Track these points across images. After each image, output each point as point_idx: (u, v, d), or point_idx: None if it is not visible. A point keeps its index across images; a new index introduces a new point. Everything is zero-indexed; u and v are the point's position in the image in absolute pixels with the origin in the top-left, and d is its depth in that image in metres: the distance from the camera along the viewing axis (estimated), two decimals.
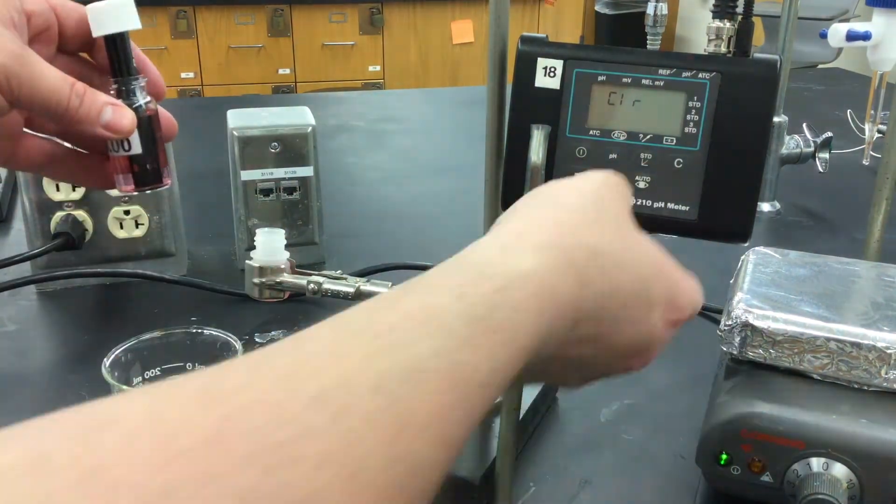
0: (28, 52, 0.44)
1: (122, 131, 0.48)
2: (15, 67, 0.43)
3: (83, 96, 0.46)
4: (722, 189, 0.47)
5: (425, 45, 3.44)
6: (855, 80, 1.84)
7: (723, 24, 0.49)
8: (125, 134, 0.48)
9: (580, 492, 0.56)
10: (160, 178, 0.51)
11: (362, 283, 0.57)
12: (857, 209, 1.06)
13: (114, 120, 0.47)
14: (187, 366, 0.55)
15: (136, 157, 0.50)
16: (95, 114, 0.47)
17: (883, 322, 0.50)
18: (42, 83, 0.44)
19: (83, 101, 0.46)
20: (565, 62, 0.48)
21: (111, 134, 0.48)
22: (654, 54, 0.47)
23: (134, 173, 0.50)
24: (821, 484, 0.47)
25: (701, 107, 0.46)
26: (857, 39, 0.82)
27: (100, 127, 0.47)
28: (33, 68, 0.44)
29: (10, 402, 0.66)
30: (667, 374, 0.70)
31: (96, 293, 0.83)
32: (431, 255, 0.91)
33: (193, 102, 1.93)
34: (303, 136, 0.83)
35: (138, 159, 0.50)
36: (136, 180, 0.50)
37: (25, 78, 0.44)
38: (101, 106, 0.47)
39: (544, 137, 0.47)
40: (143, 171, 0.50)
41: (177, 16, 3.12)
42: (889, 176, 0.70)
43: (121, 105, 0.48)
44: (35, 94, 0.44)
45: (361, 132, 1.43)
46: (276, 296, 0.59)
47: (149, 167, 0.50)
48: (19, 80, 0.43)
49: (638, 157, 0.48)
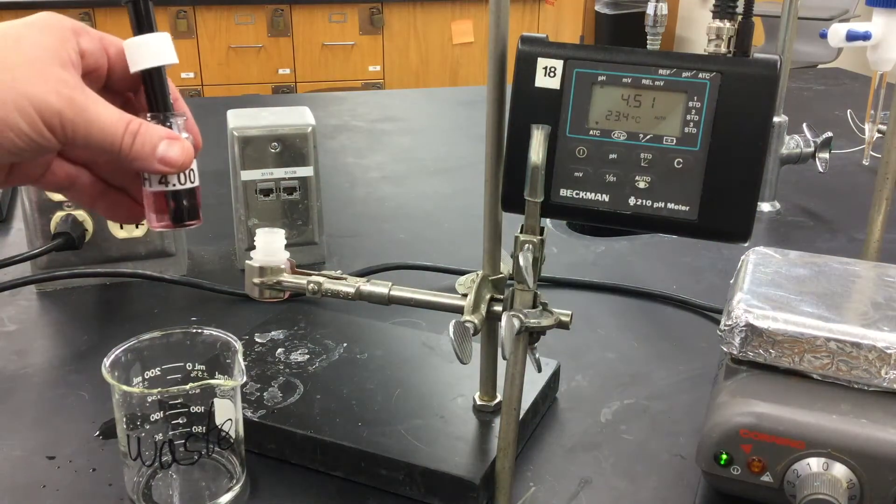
0: (83, 94, 0.44)
1: (177, 165, 0.48)
2: (70, 113, 0.43)
3: (137, 134, 0.46)
4: (722, 189, 0.47)
5: (425, 45, 3.44)
6: (855, 80, 1.84)
7: (723, 24, 0.49)
8: (183, 167, 0.48)
9: (580, 492, 0.56)
10: (197, 213, 0.50)
11: (362, 283, 0.57)
12: (857, 209, 1.06)
13: (170, 154, 0.47)
14: (187, 366, 0.55)
15: (176, 192, 0.49)
16: (150, 150, 0.46)
17: (883, 322, 0.50)
18: (95, 126, 0.45)
19: (136, 140, 0.46)
20: (565, 62, 0.48)
21: (167, 169, 0.47)
22: (654, 54, 0.47)
23: (171, 209, 0.49)
24: (821, 484, 0.47)
25: (701, 107, 0.46)
26: (857, 39, 0.82)
27: (156, 162, 0.47)
28: (88, 113, 0.44)
29: (10, 402, 0.66)
30: (667, 374, 0.70)
31: (96, 293, 0.83)
32: (431, 255, 0.91)
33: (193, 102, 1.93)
34: (303, 136, 0.83)
35: (177, 195, 0.49)
36: (174, 216, 0.49)
37: (81, 123, 0.44)
38: (156, 141, 0.47)
39: (544, 137, 0.47)
40: (179, 206, 0.49)
41: (177, 16, 3.12)
42: (889, 176, 0.71)
43: (178, 137, 0.48)
44: (90, 136, 0.45)
45: (361, 132, 1.43)
46: (276, 296, 0.59)
47: (186, 203, 0.49)
48: (74, 125, 0.44)
49: (638, 157, 0.48)
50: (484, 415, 0.59)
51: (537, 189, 0.48)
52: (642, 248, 0.95)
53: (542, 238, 0.50)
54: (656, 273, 0.88)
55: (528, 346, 0.51)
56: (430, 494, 0.54)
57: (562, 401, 0.66)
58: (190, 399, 0.51)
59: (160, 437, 0.52)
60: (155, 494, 0.54)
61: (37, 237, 0.80)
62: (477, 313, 0.53)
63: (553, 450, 0.61)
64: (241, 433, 0.54)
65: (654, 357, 0.73)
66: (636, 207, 0.48)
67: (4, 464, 0.58)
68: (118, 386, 0.50)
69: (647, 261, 0.92)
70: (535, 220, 0.49)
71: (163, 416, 0.52)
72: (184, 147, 0.48)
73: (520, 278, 0.50)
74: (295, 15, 3.24)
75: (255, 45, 3.24)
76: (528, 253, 0.49)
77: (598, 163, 0.48)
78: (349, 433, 0.56)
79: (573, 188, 0.49)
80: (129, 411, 0.51)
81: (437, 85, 3.44)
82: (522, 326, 0.49)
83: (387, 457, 0.55)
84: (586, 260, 0.92)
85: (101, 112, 0.45)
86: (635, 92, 0.47)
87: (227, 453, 0.55)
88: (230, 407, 0.52)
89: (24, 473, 0.58)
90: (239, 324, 0.75)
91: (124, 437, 0.52)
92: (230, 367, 0.55)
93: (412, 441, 0.56)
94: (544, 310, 0.51)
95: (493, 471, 0.54)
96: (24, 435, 0.62)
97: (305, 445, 0.57)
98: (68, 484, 0.56)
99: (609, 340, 0.76)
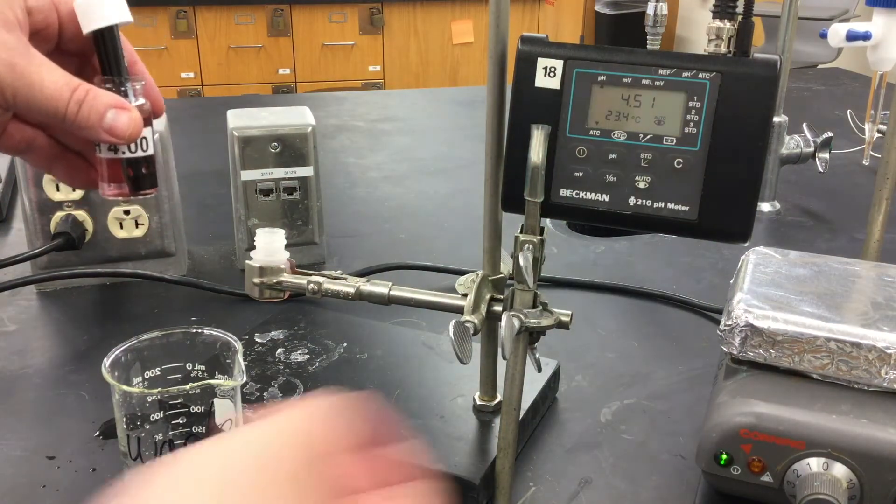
0: (26, 58, 0.43)
1: (124, 136, 0.45)
2: (9, 78, 0.42)
3: (83, 102, 0.44)
4: (722, 189, 0.47)
5: (425, 45, 3.44)
6: (855, 80, 1.84)
7: (723, 24, 0.49)
8: (129, 139, 0.46)
9: (580, 492, 0.56)
10: (155, 181, 0.48)
11: (362, 283, 0.57)
12: (857, 209, 1.06)
13: (116, 125, 0.45)
14: (187, 366, 0.55)
15: (132, 160, 0.47)
16: (96, 119, 0.45)
17: (883, 322, 0.50)
18: (38, 92, 0.43)
19: (81, 108, 0.44)
20: (565, 62, 0.48)
21: (114, 139, 0.45)
22: (654, 54, 0.47)
23: (129, 178, 0.47)
24: (821, 484, 0.47)
25: (701, 107, 0.46)
26: (857, 39, 0.82)
27: (102, 132, 0.45)
28: (30, 77, 0.42)
29: (10, 402, 0.66)
30: (667, 374, 0.70)
31: (96, 293, 0.83)
32: (431, 255, 0.91)
33: (193, 102, 1.93)
34: (303, 136, 0.83)
35: (134, 163, 0.47)
36: (132, 185, 0.48)
37: (22, 88, 0.42)
38: (103, 110, 0.45)
39: (544, 137, 0.47)
40: (138, 174, 0.47)
41: (177, 16, 3.12)
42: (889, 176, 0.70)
43: (127, 106, 0.46)
44: (32, 101, 0.43)
45: (361, 132, 1.43)
46: (276, 296, 0.59)
47: (137, 172, 0.47)
48: (15, 90, 0.42)
49: (638, 157, 0.48)
50: (484, 415, 0.59)
51: (537, 189, 0.48)
52: (642, 248, 0.95)
53: (542, 238, 0.50)
54: (656, 273, 0.88)
55: (528, 346, 0.51)
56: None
57: (562, 401, 0.66)
58: (190, 399, 0.51)
59: (160, 438, 0.52)
60: None
61: (37, 237, 0.80)
62: (477, 313, 0.53)
63: (553, 450, 0.61)
64: None
65: (654, 357, 0.73)
66: (636, 207, 0.48)
67: (4, 464, 0.58)
68: (118, 386, 0.50)
69: (647, 261, 0.92)
70: (535, 220, 0.49)
71: (163, 416, 0.52)
72: (132, 117, 0.46)
73: (520, 278, 0.50)
74: (295, 15, 3.24)
75: (255, 45, 3.24)
76: (528, 253, 0.49)
77: (598, 163, 0.48)
78: None
79: (573, 188, 0.49)
80: (129, 411, 0.51)
81: (437, 85, 3.44)
82: (522, 326, 0.49)
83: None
84: (586, 260, 0.92)
85: (44, 77, 0.43)
86: (635, 92, 0.47)
87: None
88: (230, 407, 0.52)
89: (24, 473, 0.58)
90: (239, 324, 0.75)
91: (124, 437, 0.52)
92: (230, 367, 0.55)
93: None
94: (544, 310, 0.51)
95: (493, 471, 0.54)
96: (24, 435, 0.62)
97: None
98: (68, 484, 0.56)
99: (609, 340, 0.75)
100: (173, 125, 0.87)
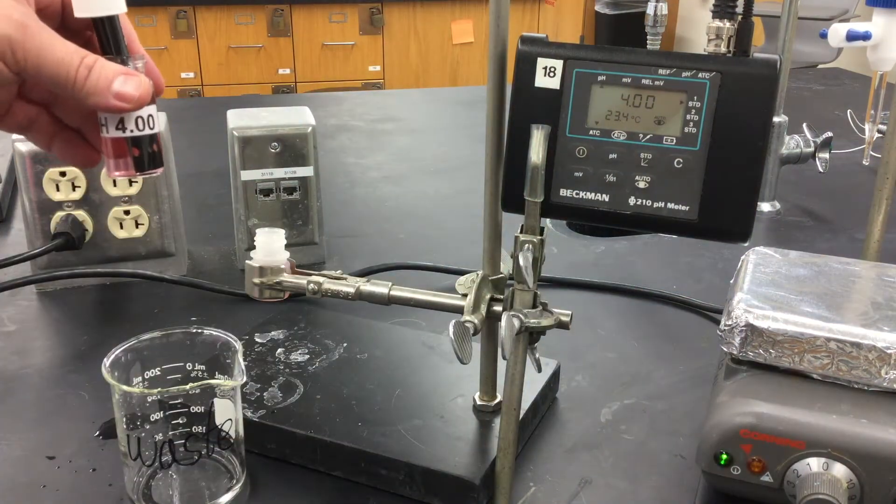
0: (35, 22, 0.43)
1: (133, 100, 0.45)
2: (20, 38, 0.42)
3: (92, 68, 0.44)
4: (722, 189, 0.47)
5: (425, 45, 3.44)
6: (855, 80, 1.84)
7: (723, 24, 0.48)
8: (139, 103, 0.45)
9: (580, 492, 0.56)
10: (161, 161, 0.48)
11: (362, 283, 0.57)
12: (857, 209, 1.06)
13: (126, 89, 0.45)
14: (187, 366, 0.55)
15: (137, 139, 0.47)
16: (105, 84, 0.44)
17: (883, 322, 0.50)
18: (49, 55, 0.43)
19: (91, 73, 0.44)
20: (565, 62, 0.48)
21: (124, 104, 0.45)
22: (654, 54, 0.47)
23: (135, 157, 0.47)
24: (821, 484, 0.47)
25: (701, 107, 0.46)
26: (857, 39, 0.82)
27: (112, 98, 0.45)
28: (41, 39, 0.43)
29: (10, 402, 0.66)
30: (667, 374, 0.70)
31: (96, 293, 0.83)
32: (431, 255, 0.91)
33: (193, 102, 1.93)
34: (303, 136, 0.83)
35: (139, 141, 0.47)
36: (138, 164, 0.47)
37: (32, 51, 0.42)
38: (112, 76, 0.45)
39: (544, 137, 0.47)
40: (140, 153, 0.47)
41: (177, 16, 3.12)
42: (889, 176, 0.71)
43: (135, 73, 0.46)
44: (42, 65, 0.43)
45: (361, 132, 1.43)
46: (276, 296, 0.59)
47: (145, 150, 0.47)
48: (25, 52, 0.42)
49: (638, 157, 0.48)
50: (484, 415, 0.59)
51: (537, 189, 0.48)
52: (642, 248, 0.95)
53: (542, 238, 0.50)
54: (656, 273, 0.88)
55: (528, 346, 0.51)
56: (430, 494, 0.54)
57: (562, 401, 0.66)
58: (190, 399, 0.51)
59: (160, 437, 0.52)
60: (155, 494, 0.54)
61: (37, 237, 0.80)
62: (477, 313, 0.53)
63: (553, 450, 0.61)
64: (241, 433, 0.54)
65: (654, 357, 0.73)
66: (636, 207, 0.48)
67: (4, 464, 0.58)
68: (118, 386, 0.50)
69: (647, 261, 0.92)
70: (535, 220, 0.49)
71: (163, 416, 0.52)
72: (141, 82, 0.46)
73: (520, 278, 0.50)
74: (295, 15, 3.24)
75: (255, 45, 3.24)
76: (528, 253, 0.49)
77: (598, 163, 0.48)
78: (349, 433, 0.56)
79: (573, 188, 0.49)
80: (129, 411, 0.51)
81: (437, 85, 3.44)
82: (522, 326, 0.49)
83: (387, 457, 0.55)
84: (586, 260, 0.92)
85: (55, 43, 0.43)
86: (635, 92, 0.47)
87: (227, 453, 0.55)
88: (230, 407, 0.52)
89: (24, 473, 0.58)
90: (239, 324, 0.75)
91: (124, 437, 0.52)
92: (230, 367, 0.55)
93: (412, 441, 0.56)
94: (544, 310, 0.51)
95: (493, 471, 0.54)
96: (24, 435, 0.62)
97: (305, 445, 0.57)
98: (68, 484, 0.56)
99: (609, 340, 0.76)
100: (173, 125, 0.87)
